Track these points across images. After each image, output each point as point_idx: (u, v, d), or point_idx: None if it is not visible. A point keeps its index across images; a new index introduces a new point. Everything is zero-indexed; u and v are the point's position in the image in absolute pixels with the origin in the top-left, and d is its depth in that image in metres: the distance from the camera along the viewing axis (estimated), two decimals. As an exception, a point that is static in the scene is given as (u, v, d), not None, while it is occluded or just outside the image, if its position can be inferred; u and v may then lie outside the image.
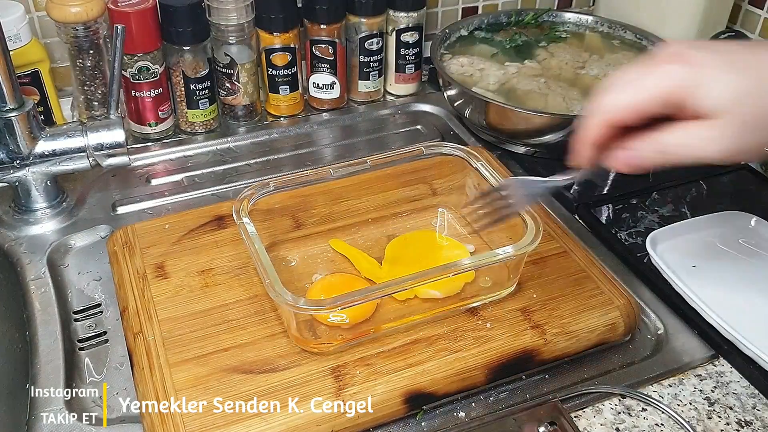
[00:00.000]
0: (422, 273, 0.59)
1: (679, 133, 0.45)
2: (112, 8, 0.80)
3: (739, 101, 0.43)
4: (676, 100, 0.44)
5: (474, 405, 0.58)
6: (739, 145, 0.44)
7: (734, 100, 0.43)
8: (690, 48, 0.45)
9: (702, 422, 0.57)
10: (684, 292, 0.65)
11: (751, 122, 0.43)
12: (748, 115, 0.43)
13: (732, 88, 0.43)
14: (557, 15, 1.03)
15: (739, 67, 0.44)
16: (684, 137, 0.45)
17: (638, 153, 0.47)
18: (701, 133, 0.44)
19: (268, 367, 0.56)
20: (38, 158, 0.73)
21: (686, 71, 0.44)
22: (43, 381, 0.59)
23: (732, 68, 0.44)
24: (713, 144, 0.44)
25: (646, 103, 0.45)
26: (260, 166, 0.87)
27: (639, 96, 0.45)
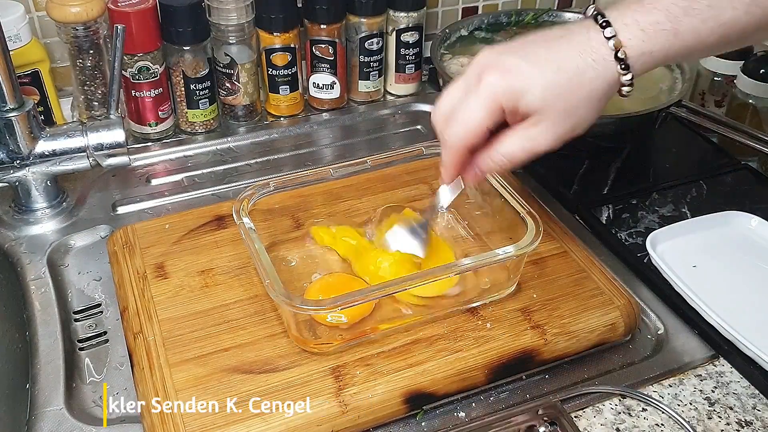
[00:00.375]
0: (422, 273, 0.60)
1: (511, 140, 0.52)
2: (112, 8, 0.80)
3: (554, 94, 0.49)
4: (505, 105, 0.50)
5: (474, 405, 0.58)
6: (562, 130, 0.50)
7: (550, 95, 0.49)
8: (501, 55, 0.50)
9: (702, 422, 0.57)
10: (684, 292, 0.65)
11: (566, 108, 0.50)
12: (563, 105, 0.49)
13: (545, 86, 0.49)
14: (557, 15, 1.03)
15: (546, 63, 0.49)
16: (517, 142, 0.51)
17: (484, 168, 0.54)
18: (529, 133, 0.51)
19: (268, 367, 0.56)
20: (38, 158, 0.73)
21: (504, 79, 0.50)
22: (43, 381, 0.59)
23: (541, 67, 0.49)
24: (542, 137, 0.51)
25: (481, 124, 0.51)
26: (260, 166, 0.87)
27: (472, 122, 0.51)
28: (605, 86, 0.50)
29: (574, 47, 0.50)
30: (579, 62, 0.49)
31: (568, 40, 0.50)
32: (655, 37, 0.48)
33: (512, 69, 0.50)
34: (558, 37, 0.51)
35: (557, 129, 0.50)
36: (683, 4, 0.48)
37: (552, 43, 0.50)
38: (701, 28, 0.48)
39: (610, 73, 0.49)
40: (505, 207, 0.64)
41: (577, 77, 0.49)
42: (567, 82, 0.49)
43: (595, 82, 0.49)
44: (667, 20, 0.48)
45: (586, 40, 0.50)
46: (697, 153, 0.90)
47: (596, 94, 0.50)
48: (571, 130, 0.51)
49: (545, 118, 0.50)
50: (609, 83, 0.50)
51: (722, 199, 0.79)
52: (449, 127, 0.53)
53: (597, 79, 0.49)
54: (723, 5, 0.47)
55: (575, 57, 0.49)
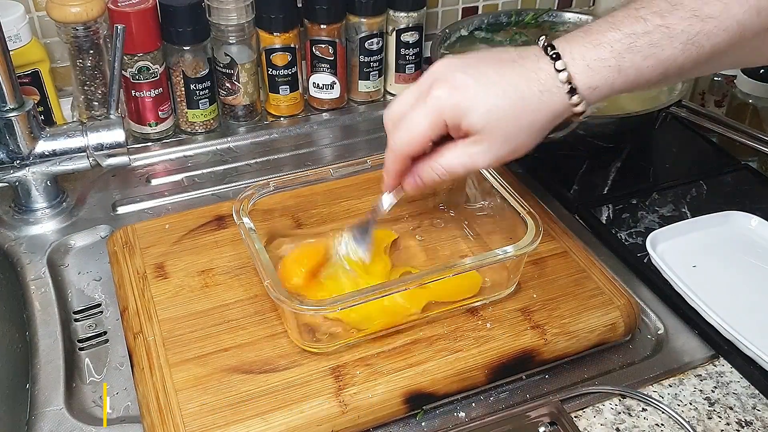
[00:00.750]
0: (422, 273, 0.59)
1: (452, 154, 0.53)
2: (112, 8, 0.80)
3: (497, 118, 0.50)
4: (447, 121, 0.51)
5: (474, 405, 0.58)
6: (501, 152, 0.52)
7: (492, 120, 0.50)
8: (455, 71, 0.52)
9: (702, 422, 0.57)
10: (684, 292, 0.65)
11: (507, 133, 0.51)
12: (504, 130, 0.51)
13: (489, 110, 0.50)
14: (557, 15, 1.03)
15: (494, 87, 0.50)
16: (457, 157, 0.53)
17: (423, 177, 0.55)
18: (470, 150, 0.52)
19: (268, 367, 0.57)
20: (38, 158, 0.73)
21: (451, 96, 0.51)
22: (43, 381, 0.59)
23: (488, 90, 0.50)
24: (481, 156, 0.52)
25: (424, 134, 0.52)
26: (260, 166, 0.87)
27: (416, 131, 0.52)
28: (548, 116, 0.51)
29: (522, 75, 0.51)
30: (525, 91, 0.50)
31: (519, 66, 0.51)
32: (600, 72, 0.50)
33: (460, 87, 0.51)
34: (510, 61, 0.52)
35: (496, 151, 0.52)
36: (627, 42, 0.49)
37: (504, 66, 0.51)
38: (642, 65, 0.49)
39: (555, 103, 0.50)
40: (505, 207, 0.64)
41: (521, 105, 0.50)
42: (510, 108, 0.50)
43: (537, 112, 0.51)
44: (611, 56, 0.49)
45: (535, 69, 0.51)
46: (697, 153, 0.90)
47: (538, 124, 0.51)
48: (509, 153, 0.52)
49: (485, 140, 0.51)
50: (553, 113, 0.51)
51: (722, 199, 0.79)
52: (395, 133, 0.54)
53: (540, 109, 0.51)
54: (663, 43, 0.49)
55: (522, 85, 0.50)
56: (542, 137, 0.53)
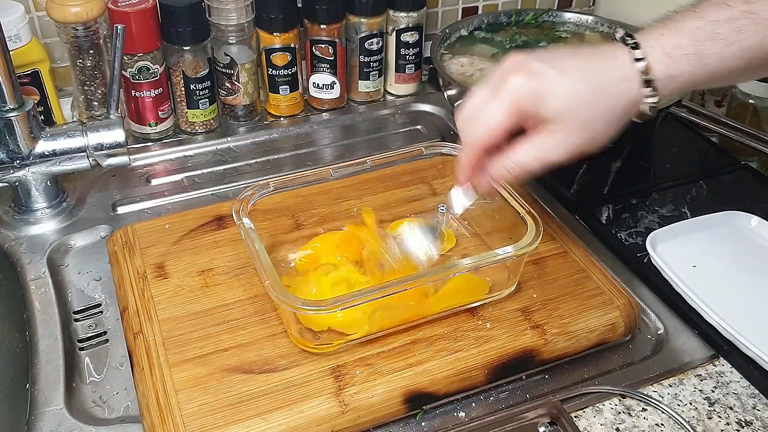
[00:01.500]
0: (422, 273, 0.59)
1: (526, 148, 0.51)
2: (112, 8, 0.80)
3: (575, 106, 0.49)
4: (524, 109, 0.50)
5: (474, 405, 0.58)
6: (578, 142, 0.50)
7: (571, 105, 0.49)
8: (530, 60, 0.50)
9: (702, 422, 0.57)
10: (684, 292, 0.65)
11: (584, 121, 0.50)
12: (582, 116, 0.49)
13: (568, 94, 0.49)
14: (557, 15, 1.03)
15: (572, 73, 0.49)
16: (530, 150, 0.51)
17: (496, 176, 0.54)
18: (544, 142, 0.50)
19: (268, 367, 0.57)
20: (38, 158, 0.73)
21: (528, 82, 0.50)
22: (43, 381, 0.59)
23: (567, 76, 0.49)
24: (557, 148, 0.50)
25: (500, 125, 0.51)
26: (260, 166, 0.87)
27: (492, 123, 0.51)
28: (626, 105, 0.50)
29: (601, 63, 0.50)
30: (604, 77, 0.50)
31: (597, 55, 0.51)
32: (679, 60, 0.49)
33: (538, 73, 0.50)
34: (587, 52, 0.51)
35: (573, 140, 0.50)
36: (709, 29, 0.48)
37: (580, 56, 0.51)
38: (725, 53, 0.48)
39: (632, 92, 0.50)
40: (505, 207, 0.64)
41: (600, 91, 0.49)
42: (590, 94, 0.49)
43: (616, 99, 0.50)
44: (691, 44, 0.48)
45: (613, 57, 0.50)
46: (697, 153, 0.90)
47: (616, 111, 0.50)
48: (586, 143, 0.51)
49: (563, 128, 0.50)
50: (630, 102, 0.50)
51: (722, 199, 0.79)
52: (470, 127, 0.53)
53: (619, 96, 0.50)
54: (749, 30, 0.47)
55: (601, 71, 0.50)
56: (619, 128, 0.51)
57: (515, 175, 0.53)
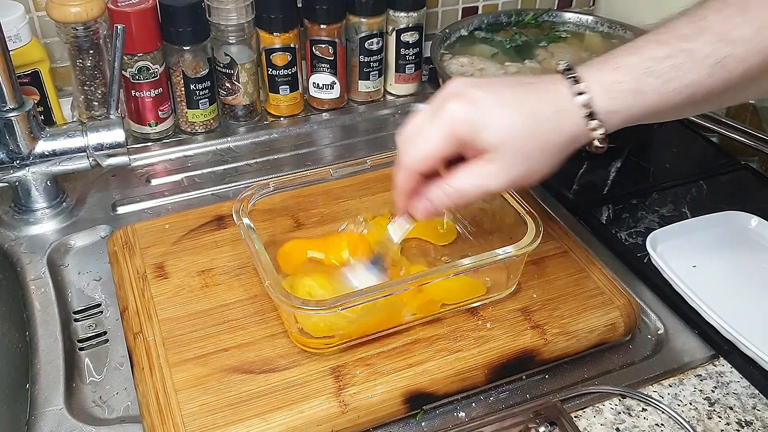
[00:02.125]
0: (422, 273, 0.59)
1: (464, 175, 0.51)
2: (112, 8, 0.80)
3: (513, 135, 0.49)
4: (461, 137, 0.49)
5: (474, 405, 0.58)
6: (516, 173, 0.50)
7: (508, 135, 0.49)
8: (469, 87, 0.50)
9: (702, 422, 0.57)
10: (684, 292, 0.65)
11: (522, 152, 0.49)
12: (520, 146, 0.49)
13: (505, 126, 0.49)
14: (557, 15, 1.03)
15: (511, 104, 0.49)
16: (470, 178, 0.50)
17: (434, 200, 0.52)
18: (483, 170, 0.50)
19: (268, 367, 0.57)
20: (38, 158, 0.73)
21: (466, 110, 0.49)
22: (43, 381, 0.59)
23: (504, 105, 0.49)
24: (495, 177, 0.50)
25: (437, 150, 0.50)
26: (260, 166, 0.87)
27: (428, 146, 0.50)
28: (565, 138, 0.50)
29: (539, 95, 0.50)
30: (542, 109, 0.49)
31: (536, 88, 0.50)
32: (618, 96, 0.49)
33: (476, 102, 0.49)
34: (527, 83, 0.51)
35: (510, 171, 0.50)
36: (647, 65, 0.48)
37: (520, 87, 0.50)
38: (664, 89, 0.48)
39: (572, 125, 0.49)
40: (505, 207, 0.64)
41: (537, 124, 0.49)
42: (527, 126, 0.49)
43: (553, 132, 0.49)
44: (630, 79, 0.48)
45: (552, 90, 0.50)
46: (697, 153, 0.90)
47: (554, 145, 0.50)
48: (524, 175, 0.50)
49: (500, 158, 0.49)
50: (570, 135, 0.50)
51: (722, 199, 0.79)
52: (407, 149, 0.52)
53: (556, 129, 0.49)
54: (686, 67, 0.47)
55: (538, 104, 0.49)
56: (560, 161, 0.51)
57: (453, 201, 0.52)
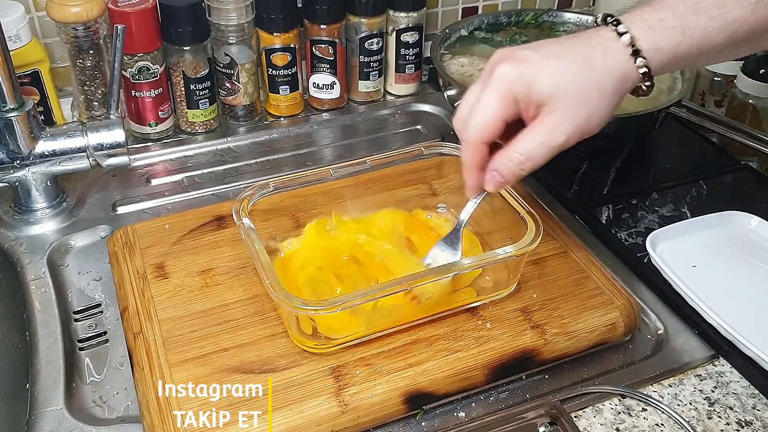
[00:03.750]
0: (422, 273, 0.59)
1: (527, 137, 0.51)
2: (112, 8, 0.80)
3: (566, 81, 0.49)
4: (517, 94, 0.50)
5: (474, 405, 0.58)
6: (577, 119, 0.50)
7: (561, 82, 0.49)
8: (515, 50, 0.52)
9: (702, 422, 0.57)
10: (684, 292, 0.65)
11: (579, 96, 0.50)
12: (575, 90, 0.50)
13: (557, 73, 0.50)
14: (557, 15, 1.03)
15: (558, 54, 0.50)
16: (533, 137, 0.51)
17: (502, 171, 0.53)
18: (544, 126, 0.50)
19: (268, 367, 0.56)
20: (38, 158, 0.73)
21: (516, 67, 0.50)
22: (43, 381, 0.59)
23: (553, 57, 0.50)
24: (558, 128, 0.50)
25: (497, 113, 0.51)
26: (260, 166, 0.87)
27: (487, 112, 0.51)
28: (617, 78, 0.50)
29: (584, 42, 0.51)
30: (588, 52, 0.50)
31: (581, 37, 0.52)
32: (663, 33, 0.49)
33: (523, 59, 0.50)
34: (570, 36, 0.53)
35: (572, 117, 0.50)
36: (690, 3, 0.49)
37: (564, 41, 0.52)
38: (709, 26, 0.49)
39: (621, 65, 0.50)
40: (505, 207, 0.64)
41: (587, 65, 0.50)
42: (577, 69, 0.50)
43: (605, 72, 0.50)
44: (674, 17, 0.49)
45: (596, 36, 0.51)
46: (697, 153, 0.90)
47: (608, 84, 0.50)
48: (585, 120, 0.50)
49: (558, 106, 0.50)
50: (620, 76, 0.50)
51: (722, 199, 0.79)
52: (467, 125, 0.53)
53: (608, 69, 0.50)
54: (730, 4, 0.48)
55: (585, 48, 0.51)
56: (615, 104, 0.51)
57: (523, 166, 0.52)
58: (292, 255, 0.66)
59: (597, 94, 0.50)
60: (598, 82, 0.50)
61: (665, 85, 0.88)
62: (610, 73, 0.50)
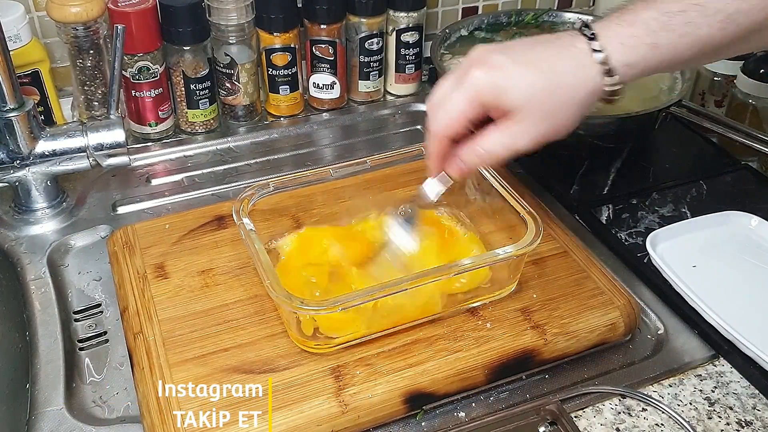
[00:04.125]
0: (422, 273, 0.59)
1: (493, 137, 0.53)
2: (112, 8, 0.80)
3: (535, 95, 0.51)
4: (485, 101, 0.52)
5: (474, 405, 0.58)
6: (541, 130, 0.52)
7: (530, 95, 0.51)
8: (491, 53, 0.52)
9: (702, 422, 0.57)
10: (684, 292, 0.65)
11: (545, 110, 0.51)
12: (543, 105, 0.51)
13: (527, 86, 0.51)
14: (557, 15, 1.03)
15: (531, 64, 0.51)
16: (498, 138, 0.53)
17: (465, 160, 0.55)
18: (510, 131, 0.52)
19: (268, 367, 0.56)
20: (38, 158, 0.73)
21: (488, 75, 0.51)
22: (43, 381, 0.59)
23: (526, 67, 0.51)
24: (522, 136, 0.52)
25: (462, 114, 0.53)
26: (260, 166, 0.87)
27: (454, 112, 0.53)
28: (584, 93, 0.52)
29: (558, 53, 0.52)
30: (560, 67, 0.51)
31: (555, 46, 0.53)
32: (635, 49, 0.51)
33: (498, 66, 0.51)
34: (546, 41, 0.53)
35: (537, 128, 0.52)
36: (662, 20, 0.50)
37: (539, 47, 0.53)
38: (679, 43, 0.50)
39: (590, 81, 0.51)
40: (505, 207, 0.64)
41: (558, 81, 0.51)
42: (548, 84, 0.51)
43: (573, 89, 0.52)
44: (647, 34, 0.50)
45: (570, 47, 0.52)
46: (697, 153, 0.90)
47: (576, 100, 0.52)
48: (550, 131, 0.52)
49: (525, 117, 0.51)
50: (589, 91, 0.52)
51: (722, 199, 0.79)
52: (435, 116, 0.55)
53: (577, 85, 0.51)
54: (699, 22, 0.50)
55: (558, 62, 0.52)
56: (581, 116, 0.53)
57: (484, 160, 0.54)
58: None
59: (564, 108, 0.52)
60: (567, 98, 0.52)
61: (665, 85, 0.88)
62: (580, 89, 0.52)
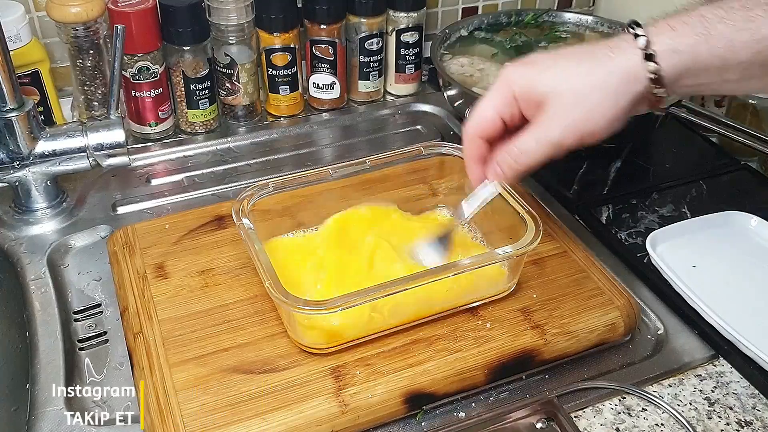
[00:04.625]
0: (422, 273, 0.59)
1: (526, 133, 0.52)
2: (112, 8, 0.80)
3: (565, 79, 0.50)
4: (519, 91, 0.51)
5: (474, 405, 0.58)
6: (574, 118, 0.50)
7: (563, 78, 0.50)
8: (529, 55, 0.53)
9: (702, 422, 0.57)
10: (684, 292, 0.65)
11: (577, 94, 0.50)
12: (573, 88, 0.50)
13: (558, 71, 0.51)
14: (557, 15, 1.03)
15: (568, 56, 0.52)
16: (531, 133, 0.52)
17: (500, 163, 0.54)
18: (541, 123, 0.51)
19: (268, 367, 0.57)
20: (38, 158, 0.73)
21: (522, 68, 0.52)
22: (43, 381, 0.59)
23: (556, 59, 0.52)
24: (552, 123, 0.51)
25: (493, 107, 0.53)
26: (260, 166, 0.87)
27: (485, 106, 0.53)
28: (622, 76, 0.49)
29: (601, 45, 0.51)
30: (599, 52, 0.50)
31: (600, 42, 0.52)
32: (684, 35, 0.48)
33: (532, 61, 0.52)
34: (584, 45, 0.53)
35: (568, 113, 0.50)
36: (719, 13, 0.48)
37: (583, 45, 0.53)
38: (735, 38, 0.47)
39: (629, 65, 0.49)
40: (505, 207, 0.64)
41: (592, 63, 0.50)
42: (580, 67, 0.50)
43: (610, 70, 0.50)
44: (700, 22, 0.48)
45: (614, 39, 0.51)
46: (697, 153, 0.90)
47: (612, 83, 0.50)
48: (583, 119, 0.50)
49: (555, 103, 0.50)
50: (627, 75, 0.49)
51: (722, 199, 0.79)
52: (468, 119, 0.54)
53: (613, 67, 0.50)
54: (760, 21, 0.47)
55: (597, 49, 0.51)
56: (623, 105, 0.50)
57: (518, 159, 0.53)
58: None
59: (598, 92, 0.50)
60: (600, 81, 0.50)
61: (665, 85, 0.88)
62: (616, 71, 0.49)
